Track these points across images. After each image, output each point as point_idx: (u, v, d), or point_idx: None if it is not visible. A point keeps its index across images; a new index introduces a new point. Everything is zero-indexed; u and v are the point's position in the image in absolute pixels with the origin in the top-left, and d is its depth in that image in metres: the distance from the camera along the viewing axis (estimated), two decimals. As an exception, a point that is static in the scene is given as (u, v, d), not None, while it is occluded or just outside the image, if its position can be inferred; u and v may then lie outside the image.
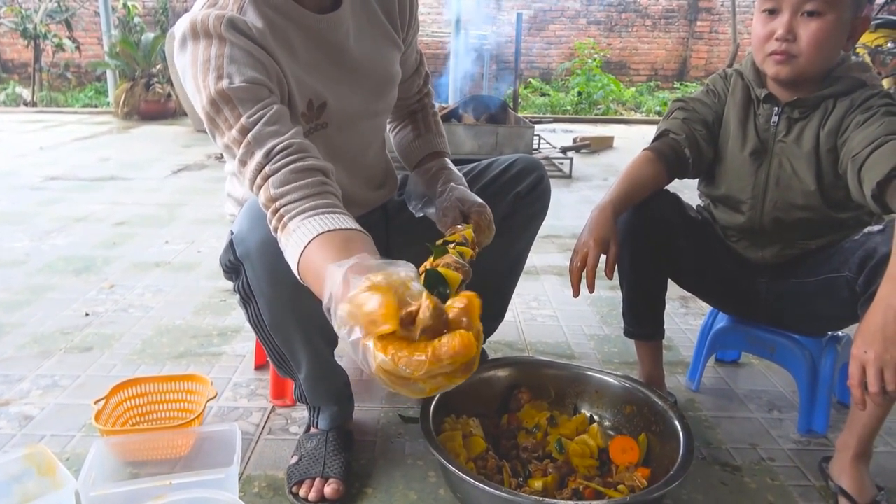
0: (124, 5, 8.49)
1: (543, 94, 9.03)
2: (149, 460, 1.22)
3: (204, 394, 1.33)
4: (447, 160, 1.34)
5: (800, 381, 1.42)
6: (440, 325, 0.66)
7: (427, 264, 0.95)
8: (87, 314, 1.95)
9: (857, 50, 4.66)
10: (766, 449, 1.38)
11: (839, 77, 1.24)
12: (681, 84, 10.27)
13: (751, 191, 1.33)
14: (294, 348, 1.15)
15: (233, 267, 1.10)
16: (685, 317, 2.03)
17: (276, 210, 0.91)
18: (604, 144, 5.41)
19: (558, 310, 2.07)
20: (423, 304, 0.66)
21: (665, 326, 1.47)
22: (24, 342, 1.77)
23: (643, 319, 1.45)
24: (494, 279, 1.48)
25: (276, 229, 0.92)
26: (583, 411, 1.37)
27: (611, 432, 1.33)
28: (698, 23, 10.74)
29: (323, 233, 0.85)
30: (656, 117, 7.99)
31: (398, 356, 0.64)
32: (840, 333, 1.43)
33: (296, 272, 0.89)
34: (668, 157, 1.35)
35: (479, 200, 1.21)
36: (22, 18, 7.58)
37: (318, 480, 1.16)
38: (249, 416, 1.44)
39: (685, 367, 1.69)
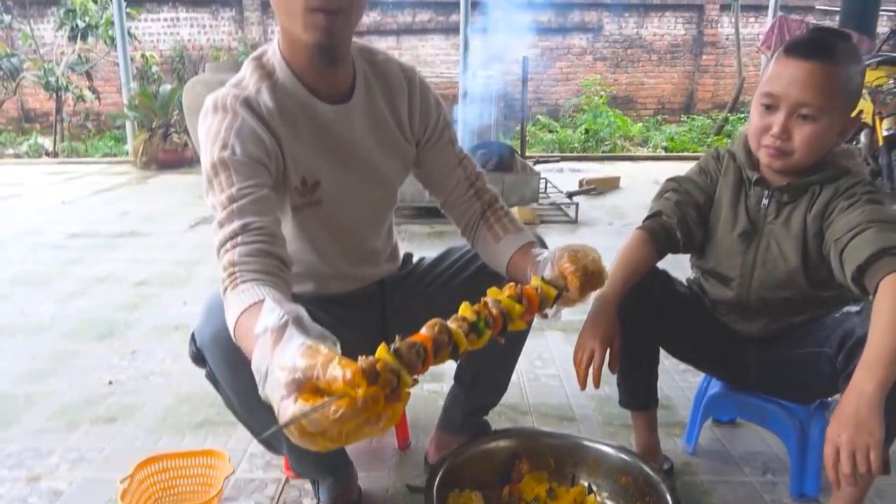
0: (142, 55, 8.80)
1: (552, 131, 9.17)
2: (171, 537, 1.30)
3: (222, 469, 1.41)
4: (543, 252, 1.28)
5: (790, 447, 1.48)
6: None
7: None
8: (110, 382, 2.04)
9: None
10: (758, 514, 1.44)
11: (826, 163, 1.32)
12: (688, 117, 10.37)
13: (739, 269, 1.41)
14: (269, 426, 1.21)
15: (198, 356, 1.18)
16: (684, 374, 2.09)
17: (233, 273, 1.00)
18: (610, 185, 5.51)
19: (561, 368, 2.14)
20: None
21: (664, 385, 1.54)
22: (52, 413, 1.86)
23: (636, 391, 1.52)
24: (496, 357, 1.55)
25: (225, 289, 1.00)
26: (581, 481, 1.43)
27: (608, 502, 1.39)
28: (703, 56, 10.90)
29: (265, 299, 0.92)
30: (662, 153, 8.10)
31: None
32: (829, 399, 1.49)
33: (231, 329, 0.97)
34: (660, 237, 1.43)
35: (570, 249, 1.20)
36: (45, 72, 7.86)
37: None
38: (265, 489, 1.52)
39: (683, 427, 1.75)
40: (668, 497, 1.26)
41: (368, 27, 10.33)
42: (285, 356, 0.77)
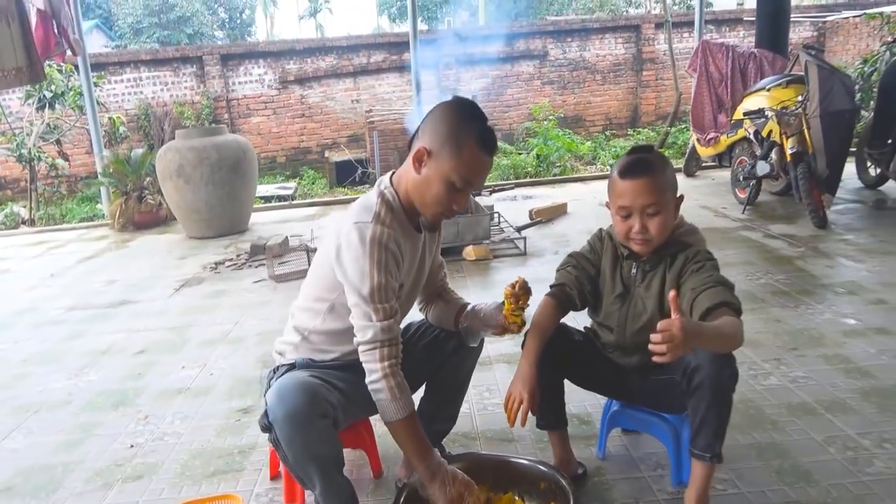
0: (109, 118, 9.15)
1: (507, 155, 9.68)
2: (203, 564, 1.72)
3: (237, 509, 1.83)
4: (469, 305, 1.97)
5: (668, 447, 1.95)
6: None
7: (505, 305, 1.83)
8: (131, 446, 2.45)
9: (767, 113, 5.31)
10: (646, 500, 1.90)
11: (674, 241, 1.81)
12: (634, 130, 10.98)
13: (617, 320, 1.89)
14: (311, 476, 1.66)
15: (267, 426, 1.64)
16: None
17: (387, 358, 1.65)
18: (558, 212, 6.01)
19: (504, 397, 2.58)
20: None
21: (588, 405, 1.99)
22: (88, 476, 2.27)
23: (548, 415, 1.97)
24: (447, 395, 2.06)
25: (386, 370, 1.64)
26: (510, 492, 1.88)
27: (531, 502, 1.84)
28: (644, 73, 11.56)
29: (413, 410, 1.67)
30: (609, 170, 8.63)
31: None
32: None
33: (405, 415, 1.66)
34: (563, 302, 1.92)
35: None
36: (17, 145, 8.18)
37: (324, 566, 1.67)
38: (270, 521, 1.95)
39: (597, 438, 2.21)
40: (570, 496, 1.72)
41: (326, 71, 10.80)
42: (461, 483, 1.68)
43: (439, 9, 28.83)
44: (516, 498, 1.86)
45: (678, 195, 1.80)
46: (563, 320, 1.95)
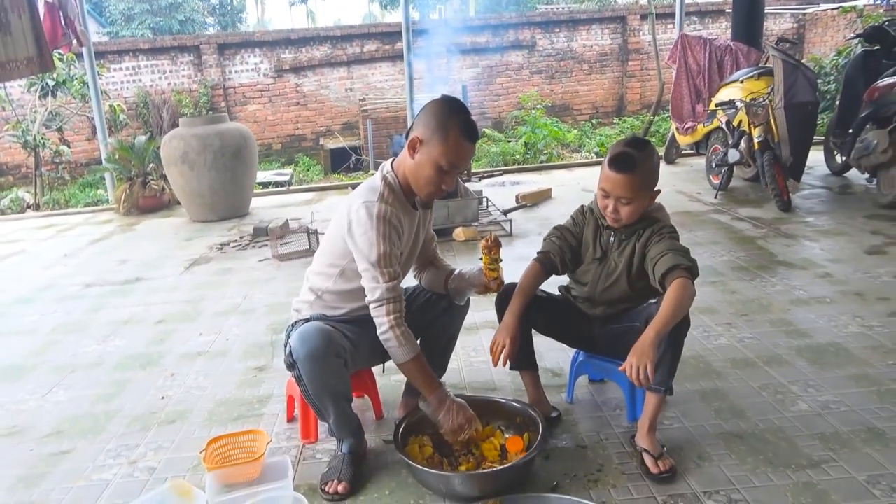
0: (110, 106, 9.41)
1: (497, 142, 10.01)
2: (236, 483, 2.08)
3: (263, 441, 2.19)
4: (456, 269, 2.33)
5: (624, 390, 2.32)
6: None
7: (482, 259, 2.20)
8: (162, 397, 2.80)
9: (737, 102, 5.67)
10: (606, 433, 2.28)
11: (645, 216, 2.16)
12: (619, 119, 11.34)
13: (591, 277, 2.26)
14: (326, 405, 2.02)
15: (291, 364, 2.00)
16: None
17: (392, 312, 1.99)
18: (542, 198, 6.37)
19: (489, 356, 2.94)
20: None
21: (560, 360, 2.36)
22: (128, 422, 2.62)
23: (520, 358, 2.32)
24: (439, 347, 2.42)
25: (394, 320, 1.98)
26: (491, 424, 2.24)
27: (509, 433, 2.21)
28: (629, 63, 11.90)
29: (419, 352, 2.04)
30: (594, 158, 9.01)
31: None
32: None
33: (404, 359, 2.01)
34: (547, 266, 2.28)
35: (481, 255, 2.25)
36: (22, 132, 8.45)
37: (335, 482, 2.04)
38: (290, 452, 2.31)
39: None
40: (540, 426, 2.09)
41: (321, 60, 11.09)
42: (462, 416, 2.06)
43: (430, -3, 28.98)
44: (497, 430, 2.23)
45: (655, 190, 2.14)
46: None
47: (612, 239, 2.22)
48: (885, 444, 2.12)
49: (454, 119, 1.97)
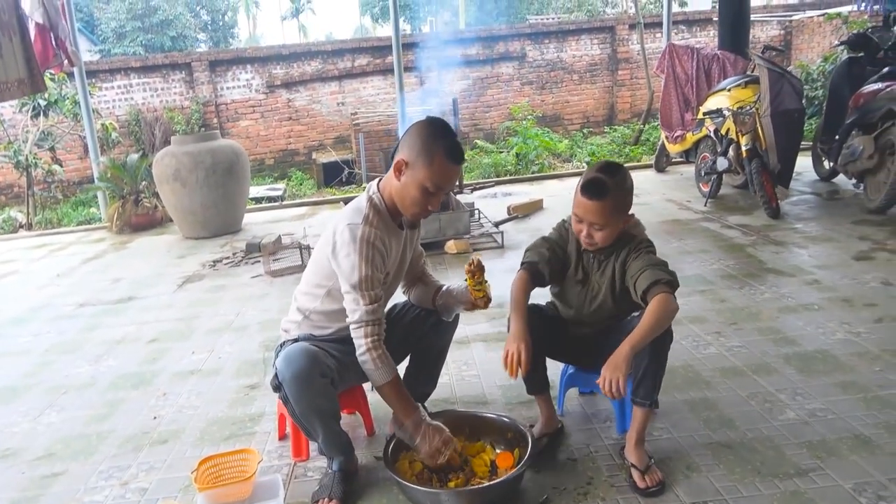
0: (102, 125, 9.44)
1: (489, 153, 10.06)
2: (229, 502, 2.09)
3: (254, 459, 2.20)
4: (444, 285, 2.36)
5: (613, 402, 2.34)
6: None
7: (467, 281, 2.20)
8: (154, 417, 2.81)
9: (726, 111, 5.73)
10: (595, 446, 2.29)
11: (623, 234, 2.16)
12: (610, 128, 11.40)
13: (576, 301, 2.27)
14: (314, 425, 2.03)
15: (277, 385, 2.01)
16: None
17: (371, 335, 2.00)
18: (534, 209, 6.40)
19: (480, 369, 2.97)
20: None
21: (548, 373, 2.36)
22: (120, 442, 2.62)
23: (536, 382, 2.31)
24: (428, 362, 2.44)
25: (371, 343, 2.00)
26: (482, 440, 2.26)
27: (499, 449, 2.22)
28: (619, 72, 11.99)
29: (396, 375, 2.05)
30: (586, 167, 9.04)
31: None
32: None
33: (389, 379, 2.03)
34: (535, 276, 2.26)
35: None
36: (14, 153, 8.46)
37: (326, 499, 2.05)
38: (281, 470, 2.32)
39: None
40: (530, 441, 2.10)
41: (312, 75, 11.14)
42: (437, 439, 2.04)
43: (421, 8, 29.17)
44: (487, 446, 2.24)
45: (629, 214, 2.14)
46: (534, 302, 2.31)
47: (592, 259, 2.22)
48: (871, 451, 2.14)
49: (439, 142, 1.98)
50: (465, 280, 2.24)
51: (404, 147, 2.02)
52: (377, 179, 2.16)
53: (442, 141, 1.99)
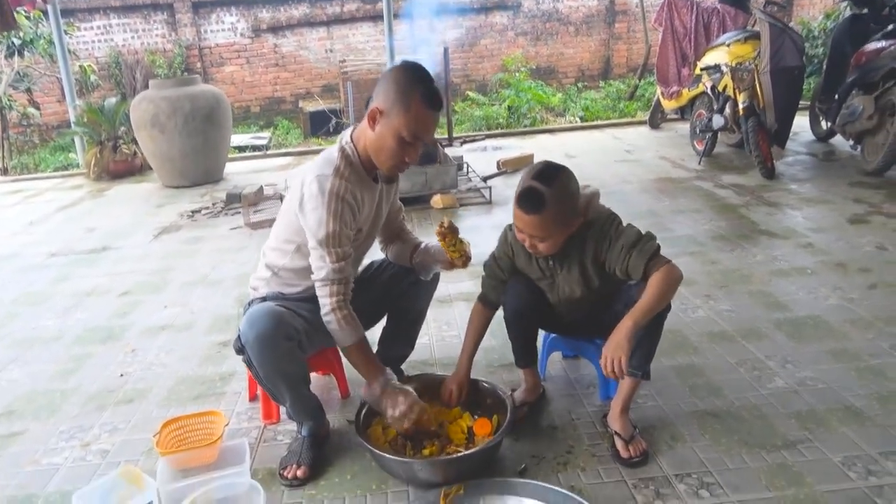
0: (80, 67, 9.10)
1: (481, 105, 9.82)
2: (192, 467, 1.99)
3: (220, 422, 2.10)
4: (422, 243, 2.25)
5: (596, 366, 2.24)
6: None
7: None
8: (121, 375, 2.70)
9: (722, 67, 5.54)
10: (577, 413, 2.20)
11: (578, 229, 1.95)
12: (605, 82, 11.15)
13: (552, 297, 2.12)
14: (280, 389, 1.93)
15: (241, 349, 1.89)
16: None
17: (335, 294, 1.88)
18: (524, 164, 6.22)
19: (462, 330, 2.84)
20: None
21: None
22: (84, 401, 2.51)
23: (526, 357, 2.21)
24: (406, 323, 2.34)
25: (336, 303, 1.88)
26: (458, 406, 2.16)
27: (477, 415, 2.13)
28: (616, 25, 11.64)
29: (363, 337, 1.93)
30: (578, 122, 8.86)
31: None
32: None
33: (345, 344, 1.92)
34: (491, 307, 2.19)
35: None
36: (-13, 94, 8.15)
37: (294, 466, 1.95)
38: (250, 433, 2.22)
39: (542, 364, 2.50)
40: (509, 407, 2.01)
41: (300, 20, 10.75)
42: (403, 402, 1.91)
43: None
44: (465, 413, 2.14)
45: (576, 216, 1.90)
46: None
47: (550, 263, 2.04)
48: (861, 423, 2.06)
49: (416, 87, 1.82)
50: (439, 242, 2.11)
51: (379, 94, 1.86)
52: (351, 129, 2.00)
53: (419, 86, 1.83)
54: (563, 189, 1.84)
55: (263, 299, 2.05)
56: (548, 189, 1.81)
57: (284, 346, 1.85)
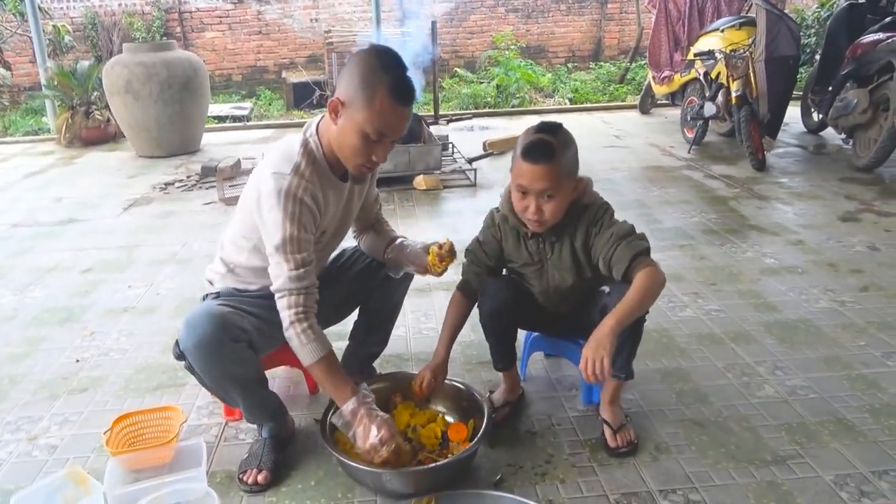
0: (54, 27, 8.74)
1: (469, 83, 9.61)
2: (145, 468, 1.86)
3: (178, 419, 1.96)
4: (398, 239, 2.07)
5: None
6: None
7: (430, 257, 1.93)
8: (77, 360, 2.54)
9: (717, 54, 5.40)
10: (558, 418, 2.09)
11: (573, 205, 1.85)
12: (596, 64, 10.97)
13: (538, 287, 2.00)
14: (232, 395, 1.79)
15: (180, 356, 1.76)
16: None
17: (294, 306, 1.68)
18: (511, 145, 6.05)
19: (440, 322, 2.71)
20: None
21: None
22: (35, 388, 2.36)
23: (505, 360, 2.07)
24: (378, 320, 2.20)
25: (294, 316, 1.68)
26: (433, 407, 2.04)
27: (450, 417, 2.01)
28: (609, 5, 11.44)
29: (328, 353, 1.72)
30: (567, 104, 8.70)
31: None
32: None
33: (317, 359, 1.71)
34: (470, 295, 2.05)
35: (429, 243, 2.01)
36: (-46, 52, 7.80)
37: (254, 470, 1.82)
38: (210, 430, 2.08)
39: (522, 362, 2.38)
40: (485, 412, 1.89)
41: (284, -13, 10.41)
42: (376, 435, 1.68)
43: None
44: (439, 416, 2.02)
45: (578, 178, 1.83)
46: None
47: (541, 245, 1.93)
48: (853, 437, 1.97)
49: (382, 77, 1.61)
50: (430, 249, 1.96)
51: (342, 82, 1.66)
52: (317, 119, 1.81)
53: (386, 75, 1.61)
54: (568, 138, 1.80)
55: (217, 295, 1.90)
56: (555, 138, 1.76)
57: (231, 349, 1.70)
